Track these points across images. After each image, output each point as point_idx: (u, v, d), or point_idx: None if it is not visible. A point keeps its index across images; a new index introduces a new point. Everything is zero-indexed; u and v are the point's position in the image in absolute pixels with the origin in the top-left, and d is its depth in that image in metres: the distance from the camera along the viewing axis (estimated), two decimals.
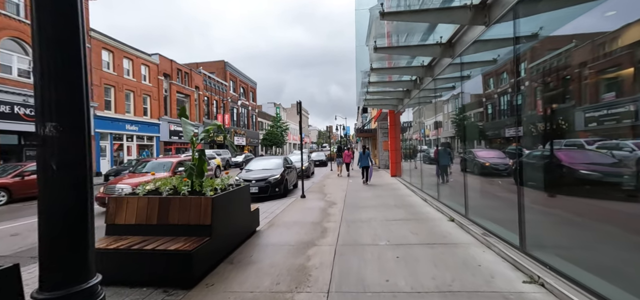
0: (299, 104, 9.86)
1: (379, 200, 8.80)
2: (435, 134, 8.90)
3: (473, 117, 6.21)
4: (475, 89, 5.98)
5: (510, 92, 4.51)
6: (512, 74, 4.26)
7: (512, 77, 4.28)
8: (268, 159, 12.05)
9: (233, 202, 4.72)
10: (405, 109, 12.79)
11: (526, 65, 4.12)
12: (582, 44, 3.18)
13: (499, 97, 5.04)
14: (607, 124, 2.92)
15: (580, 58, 3.20)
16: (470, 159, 6.06)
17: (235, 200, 4.84)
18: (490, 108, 5.49)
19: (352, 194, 10.32)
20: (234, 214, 4.79)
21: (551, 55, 3.68)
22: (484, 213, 5.23)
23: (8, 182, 11.13)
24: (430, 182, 8.89)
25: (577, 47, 3.24)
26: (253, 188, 9.75)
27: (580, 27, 3.18)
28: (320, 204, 8.67)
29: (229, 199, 4.55)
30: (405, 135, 13.25)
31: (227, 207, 4.47)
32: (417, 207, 7.70)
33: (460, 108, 6.70)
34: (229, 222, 4.56)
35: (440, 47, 6.25)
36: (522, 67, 4.16)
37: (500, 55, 5.03)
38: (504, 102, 4.90)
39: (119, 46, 23.18)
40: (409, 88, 10.04)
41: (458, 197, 6.50)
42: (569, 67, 3.42)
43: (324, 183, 14.00)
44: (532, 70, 4.04)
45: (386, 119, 18.99)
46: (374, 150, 30.06)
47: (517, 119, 4.14)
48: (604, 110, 2.91)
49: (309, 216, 7.08)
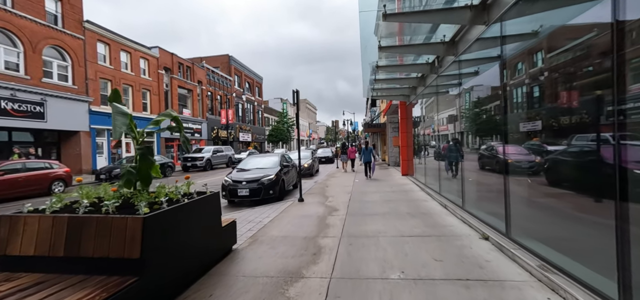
0: (295, 94, 8.52)
1: (388, 206, 7.42)
2: (446, 129, 7.57)
3: (493, 109, 4.80)
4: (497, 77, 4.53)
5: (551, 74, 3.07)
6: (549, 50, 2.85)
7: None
8: (264, 157, 10.79)
9: (187, 220, 3.44)
10: (418, 100, 11.32)
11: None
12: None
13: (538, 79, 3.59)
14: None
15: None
16: (490, 155, 5.27)
17: (193, 216, 3.56)
18: (520, 95, 4.13)
19: (357, 197, 8.96)
20: (190, 235, 3.51)
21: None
22: (534, 232, 3.81)
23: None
24: (450, 184, 7.45)
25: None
26: (243, 190, 8.50)
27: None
28: (320, 210, 7.35)
29: (178, 216, 3.26)
30: (418, 129, 11.77)
31: (174, 229, 3.19)
32: (435, 216, 6.28)
33: (482, 98, 5.28)
34: (179, 249, 3.28)
35: (471, 11, 4.81)
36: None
37: (542, 26, 3.68)
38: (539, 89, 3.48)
39: (115, 38, 22.25)
40: (425, 72, 8.57)
41: (491, 205, 5.09)
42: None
43: (327, 183, 12.67)
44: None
45: (396, 112, 17.48)
46: (383, 147, 28.51)
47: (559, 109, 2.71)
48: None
49: (302, 228, 5.76)
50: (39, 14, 16.84)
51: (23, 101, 15.94)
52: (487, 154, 5.52)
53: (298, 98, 8.53)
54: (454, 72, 6.72)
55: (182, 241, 3.33)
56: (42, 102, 16.88)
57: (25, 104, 16.06)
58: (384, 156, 26.73)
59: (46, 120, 17.05)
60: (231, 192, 8.58)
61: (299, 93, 8.56)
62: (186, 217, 3.41)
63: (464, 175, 6.17)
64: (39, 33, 16.81)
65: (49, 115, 17.17)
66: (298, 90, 8.53)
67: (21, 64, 16.08)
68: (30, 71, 16.36)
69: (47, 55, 17.40)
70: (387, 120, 20.95)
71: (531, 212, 4.08)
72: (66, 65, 18.60)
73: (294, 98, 8.48)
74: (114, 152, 22.12)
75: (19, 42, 15.92)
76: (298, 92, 8.53)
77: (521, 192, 4.23)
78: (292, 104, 8.70)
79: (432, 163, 9.53)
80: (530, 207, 4.11)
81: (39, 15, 16.83)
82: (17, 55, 15.98)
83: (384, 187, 10.66)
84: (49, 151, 18.89)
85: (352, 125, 43.74)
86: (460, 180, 6.26)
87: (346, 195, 9.34)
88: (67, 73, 18.67)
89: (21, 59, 16.07)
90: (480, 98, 5.75)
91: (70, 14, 18.73)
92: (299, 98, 8.56)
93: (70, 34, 18.62)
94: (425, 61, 7.82)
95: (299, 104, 8.62)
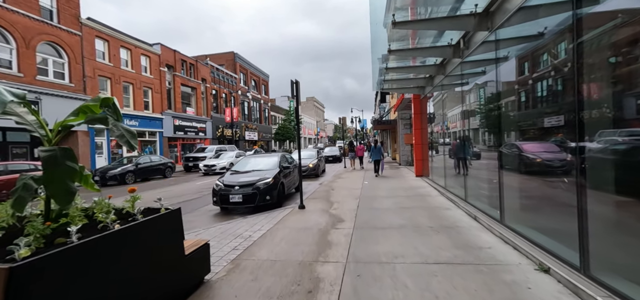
0: (294, 85, 7.38)
1: (404, 216, 6.21)
2: (461, 125, 6.45)
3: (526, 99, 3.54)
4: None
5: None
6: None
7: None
8: (261, 157, 9.69)
9: (120, 254, 2.34)
10: (434, 92, 10.04)
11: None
12: None
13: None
14: None
15: None
16: (513, 154, 4.75)
17: (131, 247, 2.46)
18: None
19: (366, 202, 7.77)
20: (125, 276, 2.40)
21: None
22: (626, 267, 2.59)
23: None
24: (479, 189, 6.20)
25: None
26: (235, 196, 7.42)
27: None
28: (322, 220, 6.21)
29: (100, 252, 2.16)
30: (436, 124, 10.48)
31: (94, 273, 2.09)
32: (465, 231, 5.05)
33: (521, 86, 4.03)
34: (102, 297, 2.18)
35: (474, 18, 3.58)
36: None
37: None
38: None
39: (114, 35, 21.55)
40: (446, 57, 7.30)
41: (543, 219, 3.86)
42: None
43: (333, 185, 11.51)
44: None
45: (409, 107, 16.17)
46: (393, 145, 27.13)
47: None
48: None
49: (299, 247, 4.63)
50: (32, 9, 16.16)
51: None
52: (510, 152, 4.87)
53: (298, 90, 7.39)
54: (486, 57, 5.48)
55: (109, 287, 2.23)
56: (37, 101, 16.22)
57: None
58: (394, 155, 25.37)
59: None
60: (222, 198, 7.53)
61: (298, 84, 7.42)
62: (116, 250, 2.31)
63: (502, 179, 4.91)
64: (33, 28, 16.14)
65: (44, 114, 16.17)
66: (297, 81, 7.40)
67: (14, 61, 15.42)
68: (24, 68, 15.70)
69: (41, 52, 16.74)
70: (398, 116, 19.62)
71: (616, 237, 2.84)
72: (62, 62, 17.93)
73: (292, 90, 7.34)
74: (114, 152, 21.47)
75: (11, 38, 15.25)
76: (297, 83, 7.39)
77: (592, 205, 2.99)
78: (292, 97, 7.53)
79: (453, 164, 8.26)
80: (609, 225, 2.87)
81: (32, 10, 16.16)
82: (10, 52, 15.33)
83: (397, 191, 9.43)
84: None
85: (360, 122, 42.39)
86: (498, 187, 5.00)
87: (354, 200, 8.17)
88: (64, 70, 18.00)
89: (14, 55, 15.41)
90: (518, 85, 4.50)
91: (66, 9, 18.05)
92: (298, 90, 7.42)
93: (66, 30, 17.93)
94: (447, 43, 6.56)
95: (299, 97, 7.48)
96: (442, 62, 7.98)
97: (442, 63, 8.03)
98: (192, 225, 6.64)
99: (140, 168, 16.22)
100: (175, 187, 13.31)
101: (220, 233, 5.53)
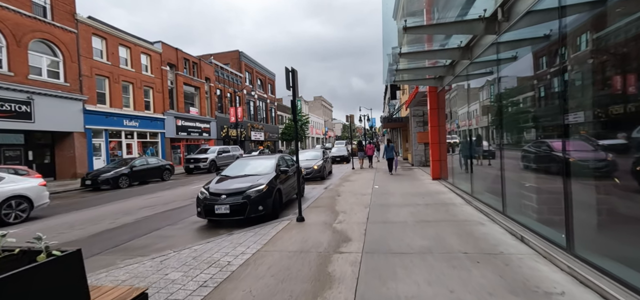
0: (291, 74, 6.15)
1: (427, 234, 4.92)
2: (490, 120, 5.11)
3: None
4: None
5: None
6: None
7: None
8: (257, 160, 8.47)
9: None
10: (453, 83, 8.68)
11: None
12: None
13: None
14: None
15: None
16: (542, 153, 4.17)
17: None
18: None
19: (378, 213, 6.49)
20: None
21: None
22: None
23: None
24: (523, 199, 4.85)
25: None
26: (222, 207, 6.24)
27: None
28: (324, 238, 4.98)
29: None
30: (460, 118, 9.09)
31: None
32: (516, 262, 3.73)
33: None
34: None
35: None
36: None
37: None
38: None
39: (113, 32, 20.79)
40: (478, 33, 5.96)
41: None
42: None
43: (340, 189, 10.26)
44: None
45: (422, 103, 14.77)
46: (404, 144, 25.64)
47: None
48: None
49: (288, 284, 3.41)
50: (23, 5, 15.43)
51: (6, 100, 14.57)
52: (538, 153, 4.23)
53: (294, 80, 6.17)
54: (536, 32, 4.16)
55: None
56: (29, 101, 15.50)
57: (9, 104, 14.69)
58: (405, 154, 23.91)
59: (34, 120, 15.66)
60: (207, 209, 6.37)
61: (295, 73, 6.20)
62: None
63: (568, 187, 3.55)
64: (24, 25, 15.41)
65: (37, 115, 15.78)
66: (294, 70, 6.18)
67: (4, 60, 14.72)
68: (14, 67, 14.99)
69: (34, 50, 16.02)
70: (410, 113, 18.20)
71: None
72: (57, 60, 17.21)
73: (288, 80, 6.13)
74: (113, 154, 20.72)
75: (0, 35, 14.54)
76: (294, 71, 6.17)
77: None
78: (288, 87, 6.31)
79: (485, 167, 6.90)
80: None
81: (23, 6, 15.43)
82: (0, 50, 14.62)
83: (413, 197, 8.11)
84: (42, 154, 17.64)
85: (369, 121, 40.93)
86: (564, 200, 3.63)
87: (363, 210, 6.90)
88: (59, 69, 17.28)
89: (4, 53, 14.70)
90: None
91: (61, 5, 17.32)
92: (295, 80, 6.20)
93: (61, 27, 17.20)
94: (479, 15, 5.23)
95: (296, 88, 6.25)
96: (468, 44, 6.63)
97: (467, 45, 6.68)
98: (167, 244, 5.51)
99: (135, 171, 15.29)
100: (169, 192, 12.29)
101: (192, 258, 4.35)
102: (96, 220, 7.78)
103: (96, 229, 6.84)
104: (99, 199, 11.55)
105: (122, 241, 5.86)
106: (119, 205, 9.82)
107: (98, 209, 9.33)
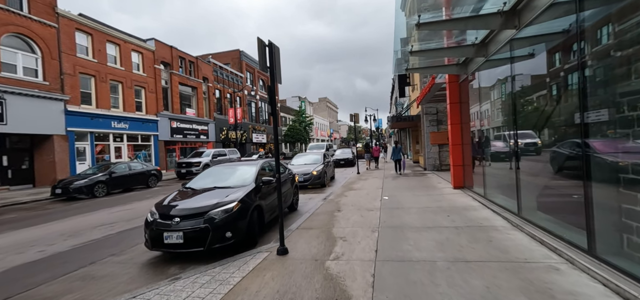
0: (268, 48, 4.40)
1: (475, 291, 3.09)
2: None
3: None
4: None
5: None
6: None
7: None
8: (234, 167, 6.66)
9: None
10: (482, 69, 6.82)
11: None
12: None
13: None
14: None
15: None
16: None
17: None
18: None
19: (391, 241, 4.66)
20: None
21: None
22: None
23: None
24: (626, 230, 2.98)
25: None
26: (172, 235, 4.48)
27: None
28: (308, 293, 3.18)
29: None
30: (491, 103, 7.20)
31: None
32: None
33: None
34: None
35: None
36: None
37: None
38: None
39: (99, 28, 19.39)
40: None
41: None
42: None
43: (341, 201, 8.44)
44: None
45: (437, 99, 12.86)
46: (414, 146, 23.64)
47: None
48: None
49: None
50: None
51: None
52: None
53: (272, 56, 4.40)
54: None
55: None
56: (0, 101, 14.06)
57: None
58: (416, 157, 21.91)
59: (5, 122, 14.18)
60: (153, 236, 4.62)
61: (273, 48, 4.43)
62: None
63: None
64: None
65: (10, 116, 14.28)
66: (271, 43, 4.41)
67: None
68: None
69: (7, 46, 14.63)
70: (422, 111, 16.27)
71: None
72: (35, 57, 15.82)
73: (262, 59, 4.37)
74: (100, 158, 19.26)
75: None
76: (271, 45, 4.40)
77: None
78: (263, 68, 4.51)
79: (534, 174, 5.01)
80: None
81: None
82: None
83: (435, 215, 6.23)
84: (19, 159, 16.25)
85: (376, 121, 38.98)
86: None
87: (370, 235, 5.07)
88: (37, 67, 15.89)
89: None
90: None
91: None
92: (274, 56, 4.43)
93: (39, 21, 15.81)
94: None
95: (275, 68, 4.47)
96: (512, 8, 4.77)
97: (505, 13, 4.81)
98: (80, 296, 3.78)
99: (115, 178, 13.70)
100: (145, 203, 10.63)
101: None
102: (26, 245, 6.11)
103: (12, 262, 5.16)
104: (63, 211, 9.94)
105: (25, 286, 4.15)
106: (75, 222, 8.18)
107: (45, 228, 7.68)
